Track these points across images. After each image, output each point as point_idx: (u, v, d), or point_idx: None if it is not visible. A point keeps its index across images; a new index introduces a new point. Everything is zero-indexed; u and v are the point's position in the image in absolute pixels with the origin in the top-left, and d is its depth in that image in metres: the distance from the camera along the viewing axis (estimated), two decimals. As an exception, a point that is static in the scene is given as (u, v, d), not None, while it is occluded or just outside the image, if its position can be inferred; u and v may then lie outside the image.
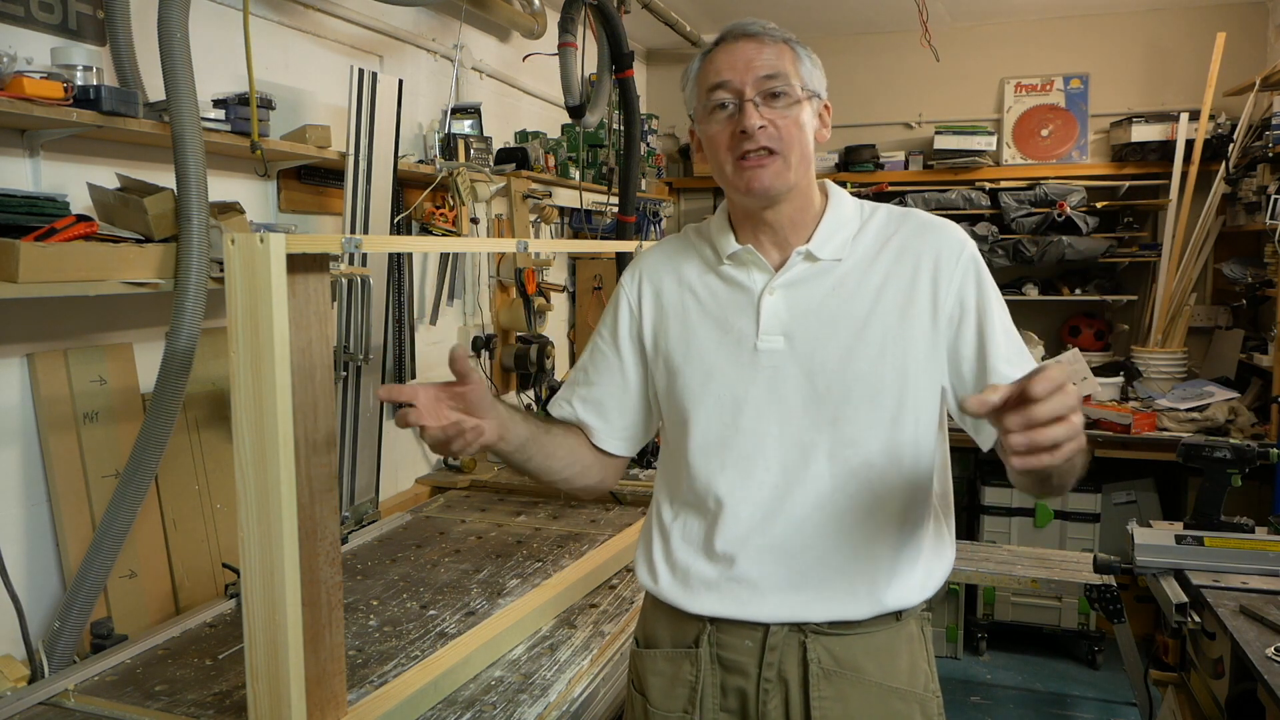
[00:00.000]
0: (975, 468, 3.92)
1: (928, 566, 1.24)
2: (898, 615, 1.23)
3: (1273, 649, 1.73)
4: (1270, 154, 3.46)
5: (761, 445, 1.21)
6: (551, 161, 3.52)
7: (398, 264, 2.69)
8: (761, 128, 1.16)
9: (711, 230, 1.31)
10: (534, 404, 3.51)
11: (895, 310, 1.20)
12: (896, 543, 1.21)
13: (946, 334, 1.21)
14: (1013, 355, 1.20)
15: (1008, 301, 1.26)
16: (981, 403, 0.90)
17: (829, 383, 1.19)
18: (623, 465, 1.40)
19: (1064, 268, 4.38)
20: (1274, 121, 3.40)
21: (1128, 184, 4.22)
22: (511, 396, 3.53)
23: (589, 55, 3.00)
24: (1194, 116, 4.00)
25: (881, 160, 4.53)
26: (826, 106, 1.26)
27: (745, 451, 1.22)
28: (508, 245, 2.98)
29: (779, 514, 1.20)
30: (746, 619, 1.22)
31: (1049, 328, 4.47)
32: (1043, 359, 3.98)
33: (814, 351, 1.20)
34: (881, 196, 4.33)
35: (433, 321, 3.03)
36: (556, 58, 2.91)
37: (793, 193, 1.22)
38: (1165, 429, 3.50)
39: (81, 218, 1.66)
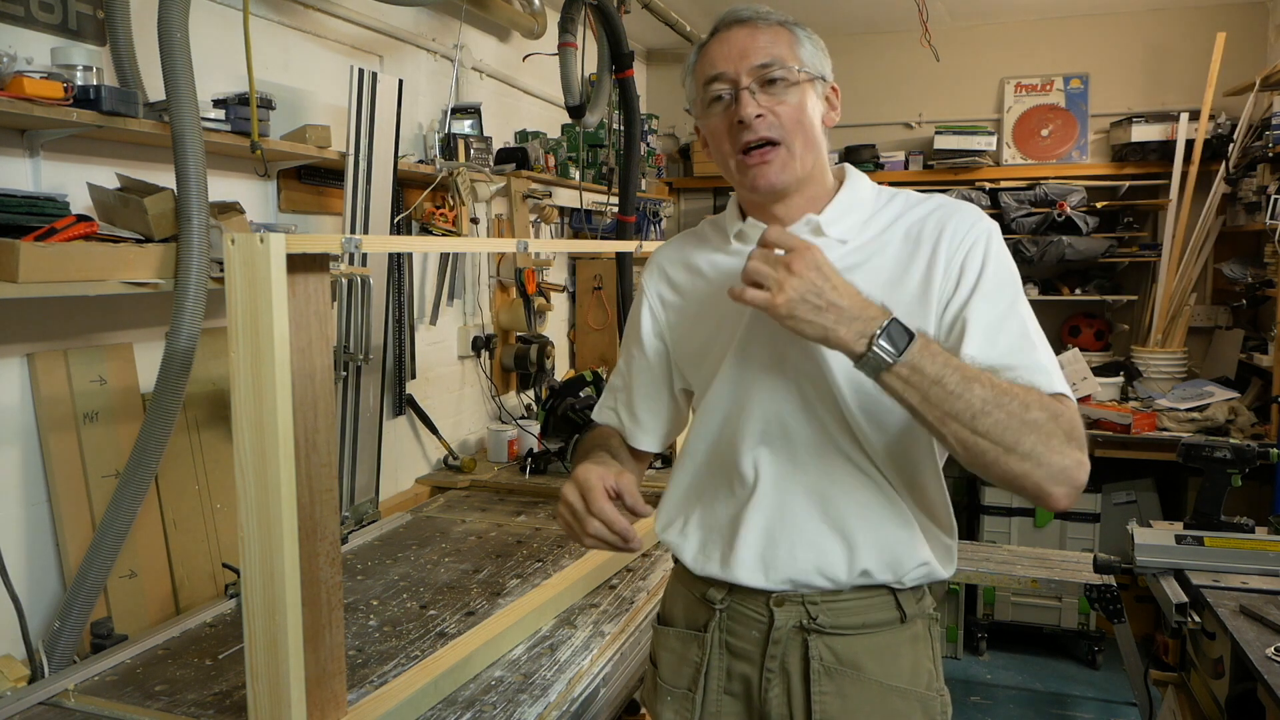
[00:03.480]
0: (975, 468, 3.91)
1: (936, 531, 1.22)
2: (903, 618, 1.22)
3: (1273, 649, 1.73)
4: (1270, 154, 3.46)
5: (773, 409, 1.20)
6: (551, 161, 3.52)
7: (398, 264, 2.68)
8: (759, 116, 1.13)
9: (724, 216, 1.32)
10: (534, 403, 3.51)
11: (887, 279, 1.15)
12: (908, 497, 1.20)
13: (936, 309, 1.13)
14: (997, 339, 1.08)
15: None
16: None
17: None
18: (648, 460, 1.44)
19: (1064, 268, 4.37)
20: (1274, 121, 3.40)
21: (1128, 184, 4.22)
22: (511, 397, 3.53)
23: (589, 55, 3.00)
24: (1194, 116, 3.99)
25: (881, 160, 4.53)
26: (834, 89, 1.22)
27: (755, 416, 1.21)
28: (508, 245, 2.98)
29: (791, 477, 1.20)
30: (756, 586, 1.21)
31: (1049, 328, 4.39)
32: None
33: None
34: (881, 196, 4.32)
35: (433, 321, 3.03)
36: (556, 57, 2.91)
37: (801, 183, 1.18)
38: (1165, 429, 3.50)
39: (81, 218, 1.66)
